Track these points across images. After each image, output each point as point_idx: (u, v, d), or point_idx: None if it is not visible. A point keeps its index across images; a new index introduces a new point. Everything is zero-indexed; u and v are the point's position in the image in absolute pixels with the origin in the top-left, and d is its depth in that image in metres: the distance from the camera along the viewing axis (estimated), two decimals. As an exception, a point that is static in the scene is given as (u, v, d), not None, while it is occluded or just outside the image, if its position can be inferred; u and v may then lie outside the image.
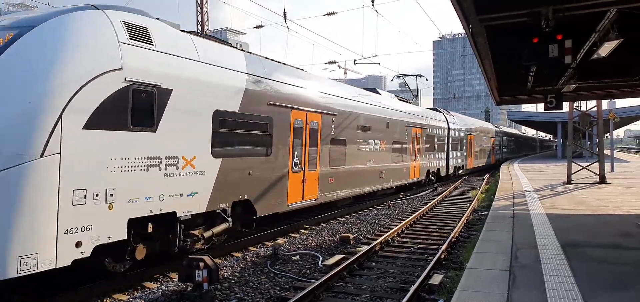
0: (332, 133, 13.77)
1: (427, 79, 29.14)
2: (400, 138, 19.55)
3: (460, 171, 31.14)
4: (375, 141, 16.99)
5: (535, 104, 52.45)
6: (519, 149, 66.82)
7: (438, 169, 26.12)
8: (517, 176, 24.71)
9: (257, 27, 33.92)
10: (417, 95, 28.01)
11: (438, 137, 25.65)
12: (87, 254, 6.58)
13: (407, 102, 22.99)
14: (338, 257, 9.76)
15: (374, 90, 19.50)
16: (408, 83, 28.03)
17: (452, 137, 28.51)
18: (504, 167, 33.72)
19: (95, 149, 6.64)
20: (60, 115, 6.18)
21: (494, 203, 14.31)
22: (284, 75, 11.64)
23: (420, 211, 15.83)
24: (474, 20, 7.53)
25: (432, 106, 30.94)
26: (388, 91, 26.38)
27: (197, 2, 30.24)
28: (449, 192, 22.52)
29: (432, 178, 25.18)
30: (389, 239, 11.65)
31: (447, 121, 27.98)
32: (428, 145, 23.86)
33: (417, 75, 28.30)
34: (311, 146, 12.62)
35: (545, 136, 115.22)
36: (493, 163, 43.89)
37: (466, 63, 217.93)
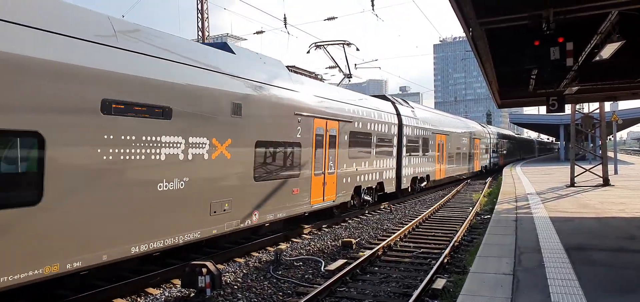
0: None
1: (358, 49, 17.92)
2: (279, 135, 10.95)
3: (424, 184, 23.38)
4: (198, 140, 8.59)
5: (537, 107, 52.11)
6: (514, 152, 58.39)
7: (381, 183, 17.79)
8: (520, 179, 24.63)
9: (258, 32, 34.03)
10: (350, 76, 18.12)
11: (379, 136, 17.17)
12: None
13: (314, 77, 14.39)
14: (340, 262, 9.74)
15: (224, 47, 10.72)
16: (333, 55, 18.47)
17: (408, 137, 20.38)
18: (506, 171, 33.46)
19: None
20: None
21: (496, 206, 14.25)
22: None
23: (422, 215, 15.79)
24: (475, 24, 7.54)
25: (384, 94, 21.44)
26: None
27: (197, 9, 30.38)
28: (451, 196, 22.47)
29: (367, 198, 16.71)
30: (392, 244, 11.62)
31: (398, 114, 19.61)
32: (358, 148, 15.58)
33: (344, 42, 17.03)
34: None
35: (548, 139, 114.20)
36: (477, 171, 36.31)
37: (467, 66, 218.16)
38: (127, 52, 7.26)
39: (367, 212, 17.07)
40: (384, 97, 20.42)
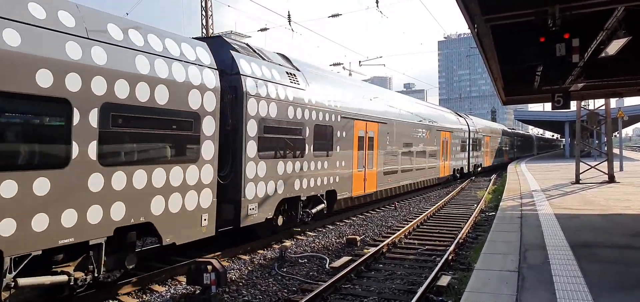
0: None
1: None
2: None
3: (319, 208, 13.09)
4: None
5: (542, 104, 51.64)
6: (505, 150, 46.74)
7: (147, 225, 7.60)
8: (525, 176, 24.56)
9: (262, 30, 33.97)
10: None
11: (129, 114, 7.28)
12: None
13: None
14: (345, 259, 9.75)
15: None
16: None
17: (267, 121, 10.80)
18: (511, 168, 33.27)
19: None
20: None
21: (501, 204, 14.22)
22: None
23: (427, 212, 15.78)
24: (480, 21, 7.51)
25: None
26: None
27: (201, 6, 30.44)
28: (456, 194, 22.43)
29: (36, 283, 6.21)
30: (396, 241, 11.62)
31: (235, 71, 10.09)
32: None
33: None
34: None
35: (553, 135, 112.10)
36: (446, 176, 26.62)
37: (472, 63, 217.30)
38: None
39: (371, 209, 17.05)
40: (209, 39, 11.51)
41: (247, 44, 11.65)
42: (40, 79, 6.01)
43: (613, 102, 24.57)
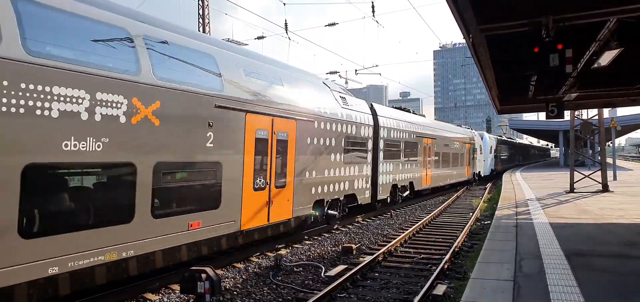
0: None
1: None
2: None
3: None
4: None
5: (536, 113, 51.93)
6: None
7: None
8: (520, 185, 24.65)
9: (259, 38, 34.00)
10: None
11: None
12: None
13: None
14: (341, 267, 9.72)
15: None
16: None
17: None
18: (506, 176, 33.38)
19: None
20: None
21: (496, 212, 14.25)
22: None
23: (423, 220, 15.78)
24: (475, 31, 7.57)
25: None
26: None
27: (199, 14, 30.49)
28: (451, 202, 22.46)
29: None
30: (392, 249, 11.61)
31: None
32: None
33: None
34: None
35: (548, 145, 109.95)
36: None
37: (467, 72, 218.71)
38: None
39: (367, 217, 17.06)
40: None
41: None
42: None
43: (606, 112, 24.78)
